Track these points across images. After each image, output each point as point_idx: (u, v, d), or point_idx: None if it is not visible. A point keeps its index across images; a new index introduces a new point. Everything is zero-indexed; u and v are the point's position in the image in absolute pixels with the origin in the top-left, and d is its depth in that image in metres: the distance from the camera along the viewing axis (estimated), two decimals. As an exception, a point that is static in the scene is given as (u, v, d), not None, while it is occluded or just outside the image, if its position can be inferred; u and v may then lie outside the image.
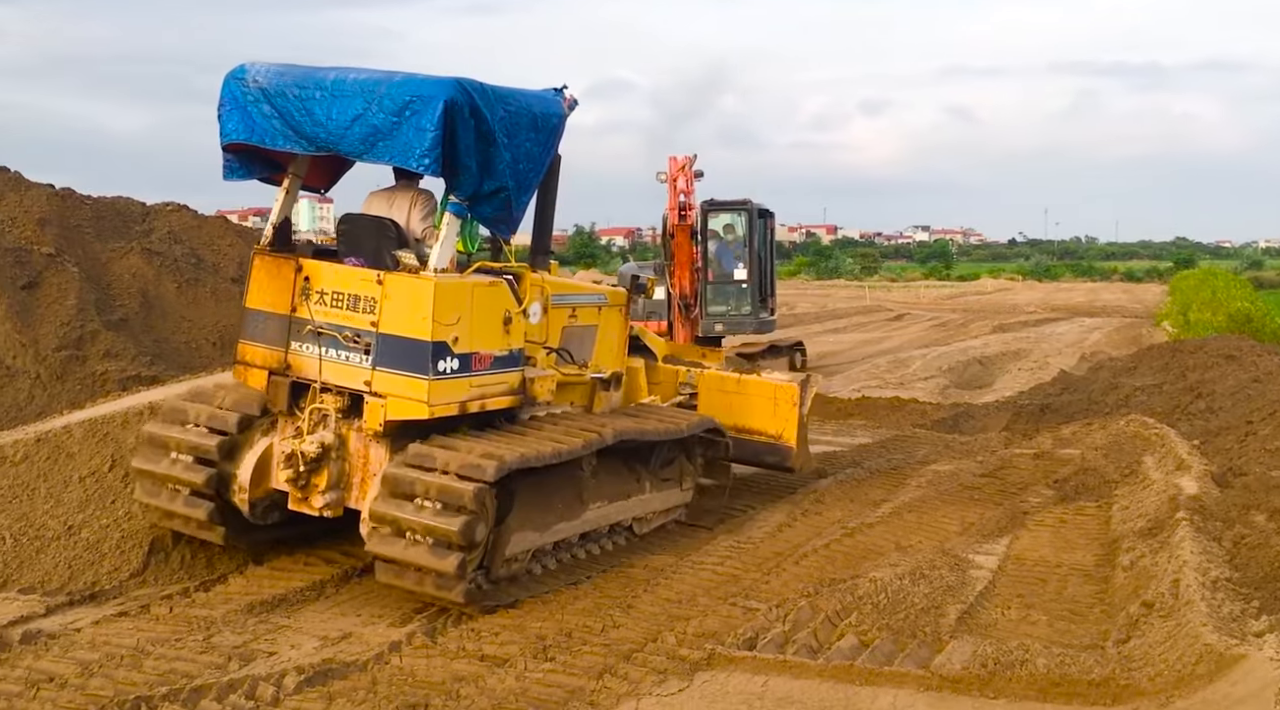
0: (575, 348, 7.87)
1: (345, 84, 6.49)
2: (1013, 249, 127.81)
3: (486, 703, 5.22)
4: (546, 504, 6.88)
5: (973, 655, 5.75)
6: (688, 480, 8.41)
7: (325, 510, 6.67)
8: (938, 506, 9.21)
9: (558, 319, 7.68)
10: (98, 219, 17.45)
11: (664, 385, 9.14)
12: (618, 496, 7.60)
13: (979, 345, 25.25)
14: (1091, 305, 41.45)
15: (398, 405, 6.42)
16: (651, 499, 8.01)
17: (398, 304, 6.45)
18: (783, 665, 5.70)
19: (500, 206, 6.71)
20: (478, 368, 6.60)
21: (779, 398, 8.92)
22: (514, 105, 6.71)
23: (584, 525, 7.28)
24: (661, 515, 8.21)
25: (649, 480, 7.93)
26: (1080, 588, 7.10)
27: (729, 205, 18.90)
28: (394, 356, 6.42)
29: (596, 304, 8.21)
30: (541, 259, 7.75)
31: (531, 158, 6.88)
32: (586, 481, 7.20)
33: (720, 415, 8.84)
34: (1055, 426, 13.20)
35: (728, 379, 9.15)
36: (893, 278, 67.52)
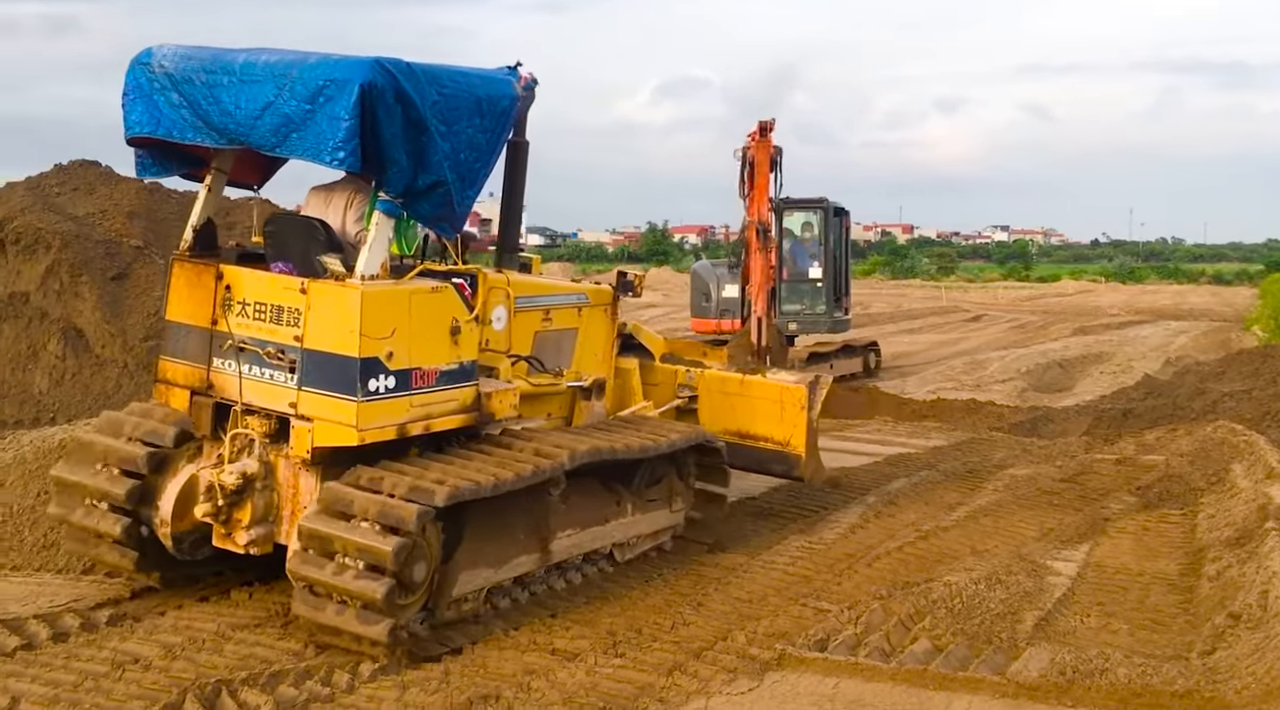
0: (551, 354, 7.18)
1: (255, 68, 5.75)
2: (1095, 250, 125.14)
3: (557, 696, 5.24)
4: (503, 535, 6.17)
5: (1051, 663, 5.64)
6: (678, 501, 7.54)
7: (251, 547, 5.98)
8: (1015, 511, 9.05)
9: (528, 323, 7.00)
10: (184, 213, 17.92)
11: (662, 387, 8.36)
12: (593, 522, 6.82)
13: (1059, 348, 24.76)
14: (1178, 308, 40.41)
15: (325, 430, 5.67)
16: (635, 522, 7.17)
17: (322, 316, 5.70)
18: (854, 668, 5.64)
19: (440, 203, 5.94)
20: (419, 385, 5.85)
21: (785, 400, 8.09)
22: (451, 88, 5.91)
23: (551, 557, 6.52)
24: (648, 539, 7.38)
25: (631, 502, 7.11)
26: (1163, 597, 6.92)
27: (804, 203, 18.78)
28: (320, 375, 5.68)
29: (575, 305, 7.45)
30: (509, 257, 7.15)
31: (477, 147, 6.06)
32: (554, 507, 6.42)
33: (723, 419, 8.15)
34: (1138, 432, 12.90)
35: (730, 379, 8.30)
36: (970, 278, 66.50)
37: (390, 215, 5.89)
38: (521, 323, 6.90)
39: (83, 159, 19.03)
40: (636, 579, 7.09)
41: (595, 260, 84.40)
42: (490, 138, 6.16)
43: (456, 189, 5.95)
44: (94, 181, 18.49)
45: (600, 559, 7.02)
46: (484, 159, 6.16)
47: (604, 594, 6.78)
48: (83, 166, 18.60)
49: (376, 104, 5.48)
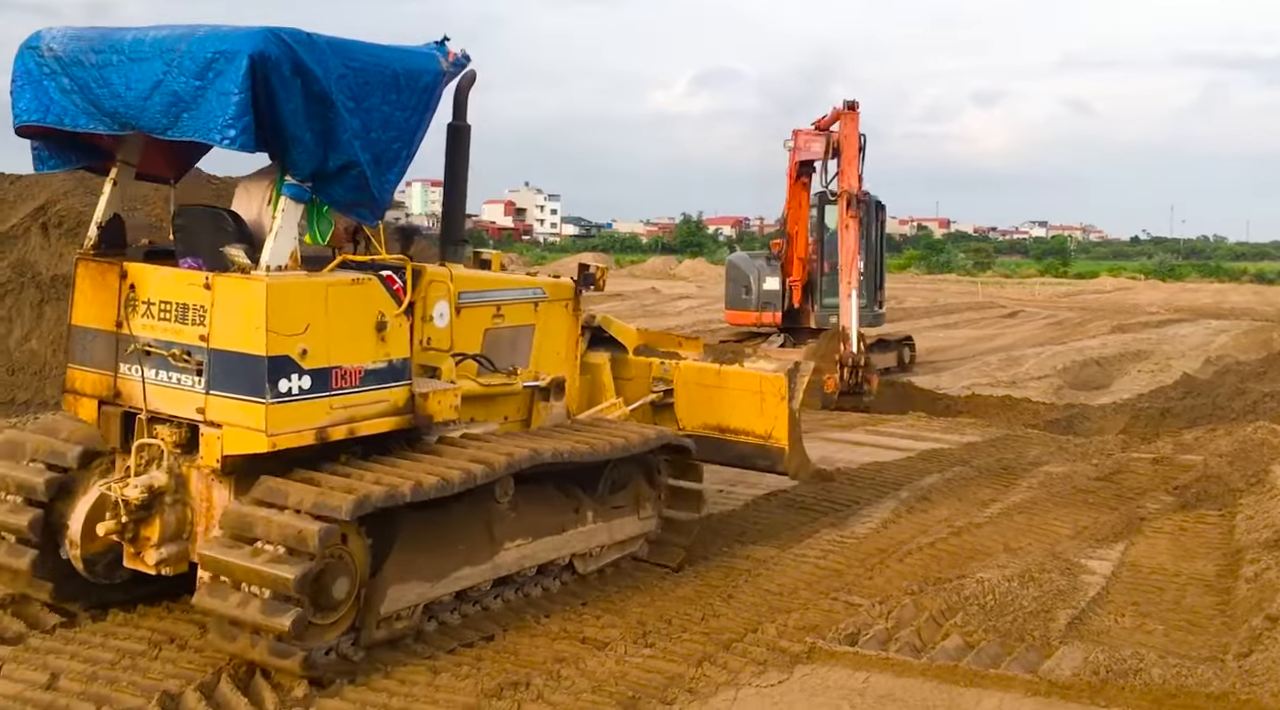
0: (504, 353, 6.73)
1: (144, 44, 5.29)
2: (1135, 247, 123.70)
3: (586, 684, 5.26)
4: (442, 546, 5.75)
5: (1084, 662, 5.59)
6: (648, 507, 7.04)
7: (162, 567, 5.51)
8: (1049, 509, 8.98)
9: (477, 320, 6.56)
10: (222, 197, 18.11)
11: (637, 381, 7.90)
12: (548, 530, 6.37)
13: (1096, 345, 24.50)
14: (1219, 307, 39.85)
15: (235, 437, 5.24)
16: (597, 531, 6.70)
17: (228, 313, 5.27)
18: (885, 662, 5.62)
19: (355, 187, 5.50)
20: (341, 385, 5.42)
21: (765, 391, 7.56)
22: (360, 61, 5.46)
23: (498, 569, 6.07)
24: (614, 549, 6.90)
25: (593, 509, 6.66)
26: (1200, 598, 6.84)
27: None
28: (228, 377, 5.26)
29: (531, 300, 6.99)
30: (454, 249, 6.63)
31: (394, 125, 5.60)
32: (501, 515, 6.05)
33: (701, 413, 7.73)
34: (1176, 431, 12.76)
35: (707, 370, 7.80)
36: (1006, 274, 65.94)
37: (298, 200, 5.43)
38: (468, 319, 6.47)
39: (125, 144, 19.19)
40: (666, 569, 7.09)
41: (630, 251, 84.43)
42: (411, 116, 5.68)
43: (373, 171, 5.50)
44: (135, 166, 18.62)
45: (558, 571, 6.56)
46: (404, 139, 5.67)
47: (634, 584, 6.79)
48: (124, 151, 18.78)
49: (270, 76, 5.02)
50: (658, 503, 7.11)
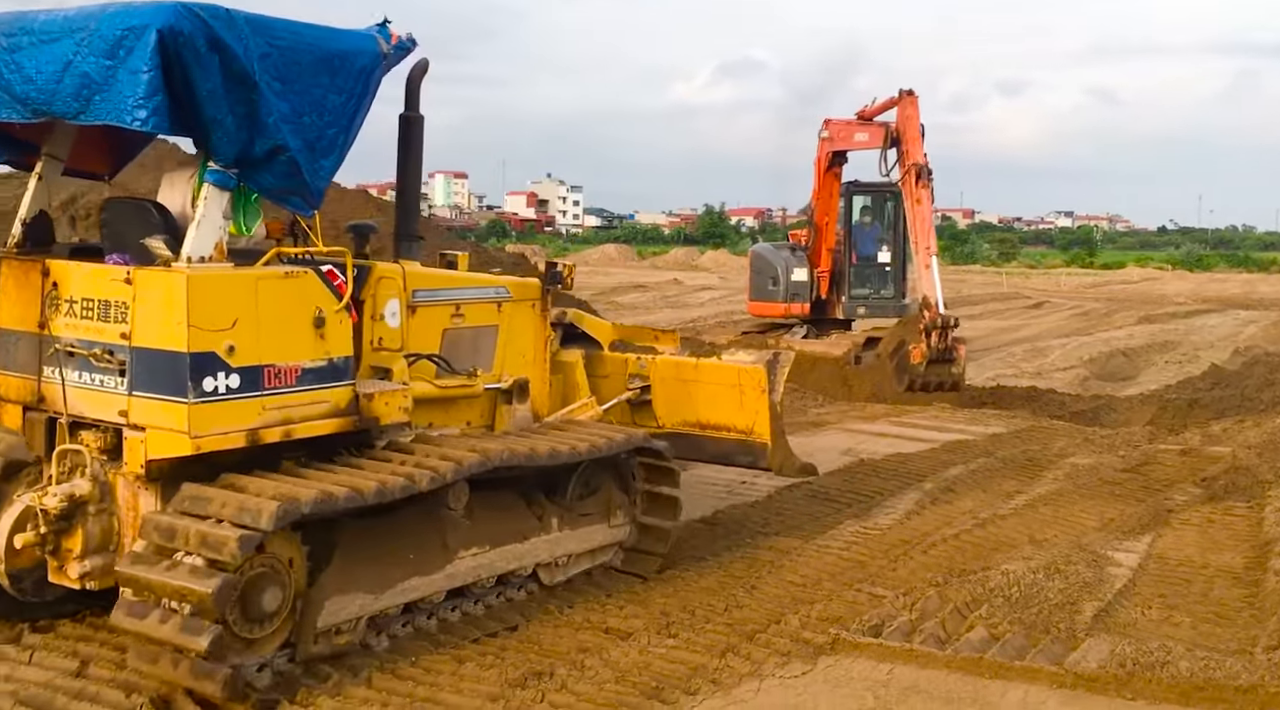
0: (465, 354, 6.40)
1: (55, 24, 4.99)
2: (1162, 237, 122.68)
3: (610, 674, 5.27)
4: (388, 556, 5.45)
5: (1110, 654, 5.56)
6: (620, 513, 6.72)
7: (87, 581, 5.16)
8: (1075, 501, 8.93)
9: (434, 320, 6.24)
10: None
11: (613, 379, 7.59)
12: (508, 539, 6.07)
13: (1123, 336, 24.33)
14: (1247, 297, 39.49)
15: (159, 440, 4.94)
16: (563, 539, 6.39)
17: (149, 308, 4.98)
18: (909, 654, 5.60)
19: (285, 174, 5.18)
20: (274, 385, 5.12)
21: (744, 384, 7.26)
22: (287, 39, 5.14)
23: (452, 579, 5.77)
24: (584, 558, 6.59)
25: (558, 516, 6.36)
26: (1228, 591, 6.79)
27: (874, 187, 18.67)
28: (150, 376, 4.96)
29: (493, 300, 6.65)
30: (408, 246, 6.30)
31: (327, 109, 5.29)
32: (455, 523, 5.76)
33: (680, 409, 7.44)
34: (1204, 422, 12.67)
35: (684, 365, 7.53)
36: (1031, 264, 65.51)
37: (222, 187, 5.11)
38: (425, 319, 6.16)
39: (150, 136, 19.30)
40: (689, 560, 7.10)
41: (652, 242, 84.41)
42: (348, 101, 5.38)
43: (305, 157, 5.19)
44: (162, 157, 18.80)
45: (521, 581, 6.27)
46: (340, 124, 5.36)
47: (658, 575, 6.79)
48: (151, 144, 18.90)
49: (183, 53, 4.71)
50: (631, 509, 6.78)
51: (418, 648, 5.50)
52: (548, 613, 6.08)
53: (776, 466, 7.46)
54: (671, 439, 7.06)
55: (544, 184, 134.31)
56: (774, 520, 8.15)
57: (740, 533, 7.77)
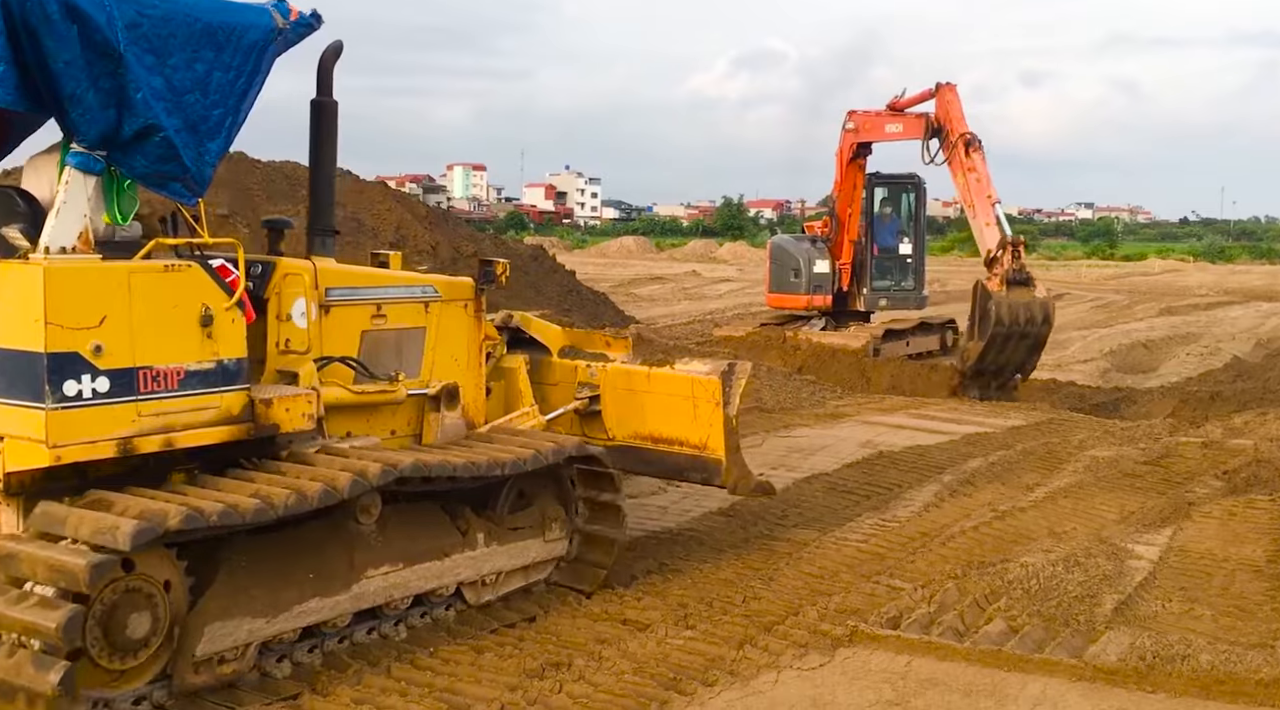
0: (388, 357, 5.98)
1: None
2: (1184, 228, 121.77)
3: (628, 665, 5.28)
4: (283, 575, 4.99)
5: (1130, 647, 5.53)
6: (556, 527, 6.24)
7: None
8: (1095, 493, 8.89)
9: (351, 321, 5.82)
10: (267, 182, 18.35)
11: (561, 386, 7.14)
12: (426, 556, 5.58)
13: (1144, 328, 24.18)
14: (1270, 289, 39.12)
15: (17, 450, 4.50)
16: (490, 556, 5.90)
17: (6, 304, 4.55)
18: (927, 646, 5.59)
19: (160, 157, 4.73)
20: (152, 389, 4.66)
21: (697, 395, 6.71)
22: (162, 9, 4.69)
23: (359, 600, 5.28)
24: (516, 576, 6.10)
25: (485, 531, 5.88)
26: (1249, 584, 6.74)
27: (895, 179, 18.63)
28: (6, 380, 4.53)
29: (420, 300, 6.19)
30: (321, 240, 5.86)
31: (213, 88, 4.85)
32: (365, 539, 5.31)
33: (632, 421, 6.94)
34: (1226, 415, 12.59)
35: (635, 374, 6.96)
36: (1052, 256, 65.09)
37: (86, 171, 4.67)
38: (340, 320, 5.75)
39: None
40: (708, 552, 7.10)
41: (670, 234, 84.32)
42: (236, 79, 4.94)
43: (185, 139, 4.76)
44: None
45: (443, 601, 5.79)
46: (227, 103, 4.91)
47: (675, 567, 6.80)
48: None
49: (30, 19, 4.35)
50: (569, 522, 6.32)
51: (435, 639, 5.53)
52: (565, 604, 6.09)
53: (731, 485, 6.85)
54: (622, 452, 6.76)
55: (562, 176, 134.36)
56: (792, 512, 8.15)
57: (758, 524, 7.77)
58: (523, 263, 21.18)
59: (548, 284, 20.79)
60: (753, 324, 19.60)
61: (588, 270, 30.80)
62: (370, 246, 17.66)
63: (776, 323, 18.98)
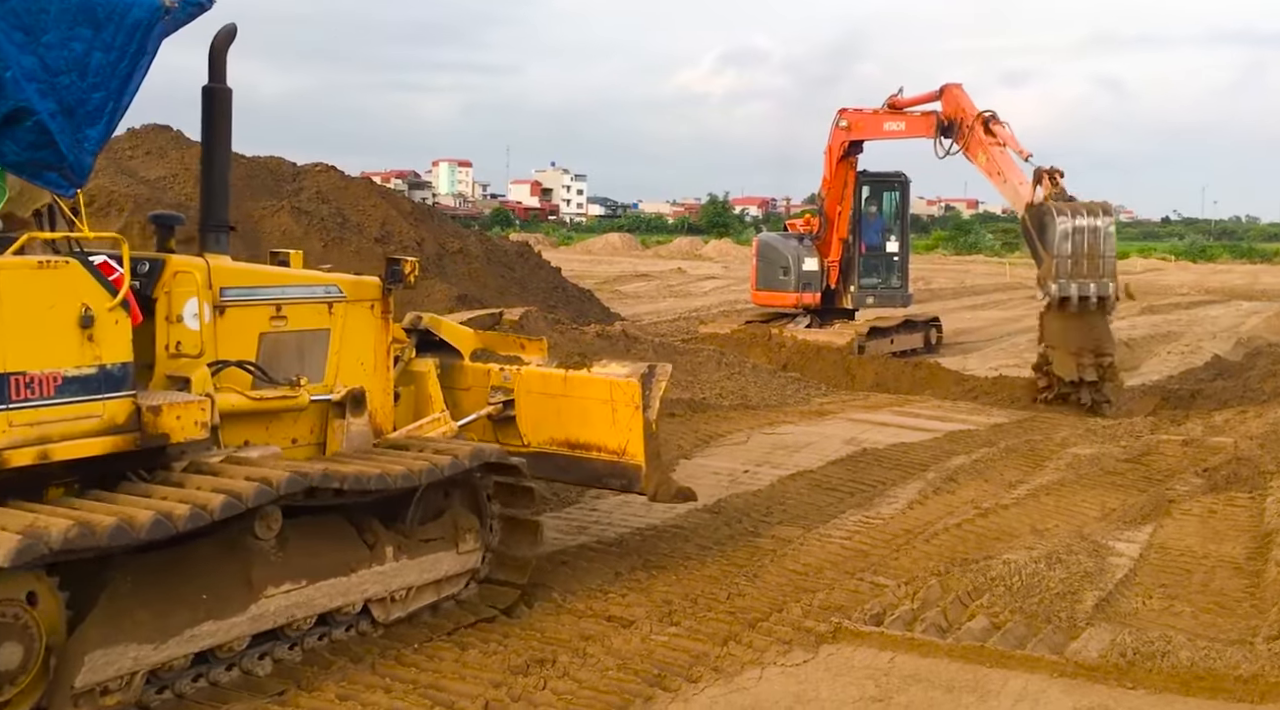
0: (288, 361, 5.62)
1: None
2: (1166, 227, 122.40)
3: (612, 662, 5.29)
4: (173, 597, 4.60)
5: (1111, 644, 5.57)
6: (470, 538, 5.90)
7: None
8: (1077, 490, 8.95)
9: (248, 322, 5.46)
10: (251, 177, 18.26)
11: (474, 391, 6.85)
12: (330, 572, 5.21)
13: (1125, 327, 24.27)
14: (1250, 288, 39.39)
15: None
16: (400, 570, 5.54)
17: None
18: (910, 643, 5.62)
19: (33, 143, 4.43)
20: (24, 396, 4.31)
21: (616, 399, 6.45)
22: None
23: (257, 622, 4.89)
24: (428, 591, 5.75)
25: (395, 544, 5.52)
26: (1229, 581, 6.80)
27: (881, 177, 18.71)
28: None
29: (323, 300, 5.84)
30: (215, 236, 5.48)
31: (90, 69, 4.52)
32: (263, 555, 4.94)
33: (548, 427, 6.67)
34: (1206, 413, 12.68)
35: (551, 377, 6.69)
36: (1035, 254, 65.26)
37: None
38: (237, 321, 5.40)
39: (155, 123, 19.41)
40: (692, 548, 7.12)
41: (656, 231, 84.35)
42: (118, 59, 4.60)
43: (61, 124, 4.46)
44: (166, 145, 18.84)
45: (350, 620, 5.41)
46: (108, 86, 4.59)
47: (660, 562, 6.82)
48: (155, 131, 19.01)
49: None
50: (484, 534, 6.00)
51: (419, 635, 5.53)
52: (549, 601, 6.10)
53: (651, 491, 6.57)
54: (538, 459, 6.51)
55: (548, 173, 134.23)
56: (776, 509, 8.18)
57: (743, 521, 7.80)
58: (508, 259, 21.14)
59: (533, 281, 20.76)
60: (738, 321, 19.62)
61: (573, 267, 30.78)
62: (356, 242, 17.63)
63: (762, 320, 19.03)
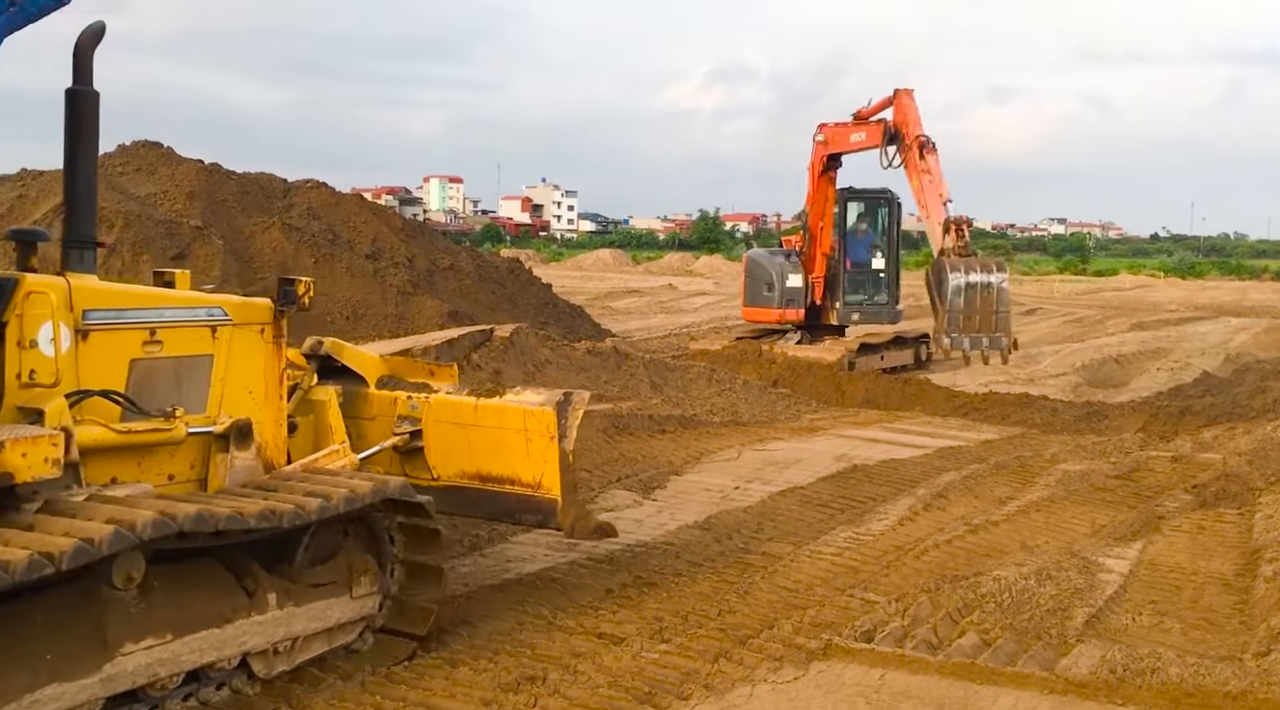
0: (163, 390, 5.10)
1: None
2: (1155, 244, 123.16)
3: (603, 679, 5.28)
4: (7, 657, 4.09)
5: (1101, 660, 5.58)
6: (365, 582, 5.38)
7: None
8: (1067, 507, 8.96)
9: (118, 348, 4.95)
10: (243, 193, 18.26)
11: (380, 421, 6.38)
12: (201, 623, 4.65)
13: (1115, 343, 24.37)
14: (1239, 305, 39.60)
15: None
16: (284, 619, 4.99)
17: None
18: (901, 659, 5.62)
19: None
20: None
21: (530, 428, 6.05)
22: None
23: (111, 684, 4.34)
24: (317, 641, 5.22)
25: (278, 590, 4.97)
26: (1218, 597, 6.82)
27: (868, 194, 18.77)
28: None
29: (205, 323, 5.30)
30: (78, 254, 4.97)
31: None
32: (122, 607, 4.41)
33: (458, 459, 6.23)
34: (1195, 429, 12.71)
35: (462, 405, 6.24)
36: (1025, 271, 65.63)
37: None
38: (103, 346, 4.88)
39: (145, 140, 19.40)
40: (683, 565, 7.11)
41: (646, 247, 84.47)
42: None
43: None
44: (155, 162, 18.82)
45: (223, 676, 4.87)
46: None
47: (650, 580, 6.81)
48: (145, 147, 19.00)
49: None
50: (382, 577, 5.50)
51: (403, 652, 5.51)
52: (540, 618, 6.09)
53: (568, 527, 6.19)
54: (447, 493, 6.13)
55: (539, 189, 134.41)
56: (767, 525, 8.18)
57: (733, 537, 7.79)
58: (499, 276, 21.15)
59: (524, 297, 20.77)
60: (728, 337, 19.66)
61: (564, 283, 30.80)
62: (347, 259, 17.62)
63: (753, 336, 19.06)
